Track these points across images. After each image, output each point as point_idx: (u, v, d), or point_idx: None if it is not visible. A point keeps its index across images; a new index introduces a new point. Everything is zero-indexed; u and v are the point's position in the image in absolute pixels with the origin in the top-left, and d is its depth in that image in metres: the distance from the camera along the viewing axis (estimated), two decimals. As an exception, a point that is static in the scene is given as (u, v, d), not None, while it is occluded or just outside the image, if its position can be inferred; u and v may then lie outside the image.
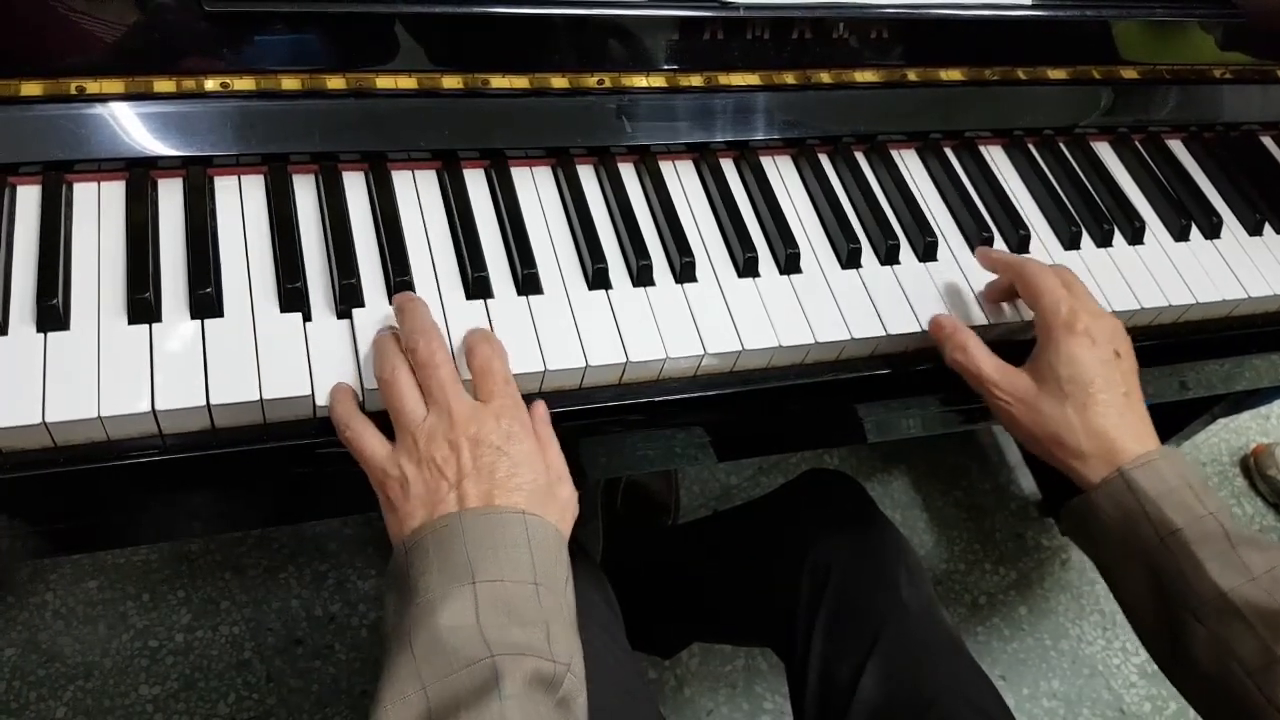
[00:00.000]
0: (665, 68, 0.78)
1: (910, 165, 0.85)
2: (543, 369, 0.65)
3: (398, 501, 0.56)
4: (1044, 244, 0.82)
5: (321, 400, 0.60)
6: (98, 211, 0.65)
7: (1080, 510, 0.67)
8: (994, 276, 0.76)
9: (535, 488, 0.57)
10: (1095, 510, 0.66)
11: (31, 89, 0.64)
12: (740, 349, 0.69)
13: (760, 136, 0.81)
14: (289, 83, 0.70)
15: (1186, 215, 0.87)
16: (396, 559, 0.55)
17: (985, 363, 0.69)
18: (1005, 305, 0.76)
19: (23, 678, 1.25)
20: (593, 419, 0.69)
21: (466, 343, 0.62)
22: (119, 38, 0.65)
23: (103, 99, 0.66)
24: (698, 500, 1.58)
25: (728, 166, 0.80)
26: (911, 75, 0.85)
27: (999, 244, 0.81)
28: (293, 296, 0.63)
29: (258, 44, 0.68)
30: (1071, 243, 0.82)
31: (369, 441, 0.58)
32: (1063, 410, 0.66)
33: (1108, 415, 0.65)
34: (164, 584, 1.35)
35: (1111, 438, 0.65)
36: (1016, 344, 0.73)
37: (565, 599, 0.55)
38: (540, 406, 0.62)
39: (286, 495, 0.71)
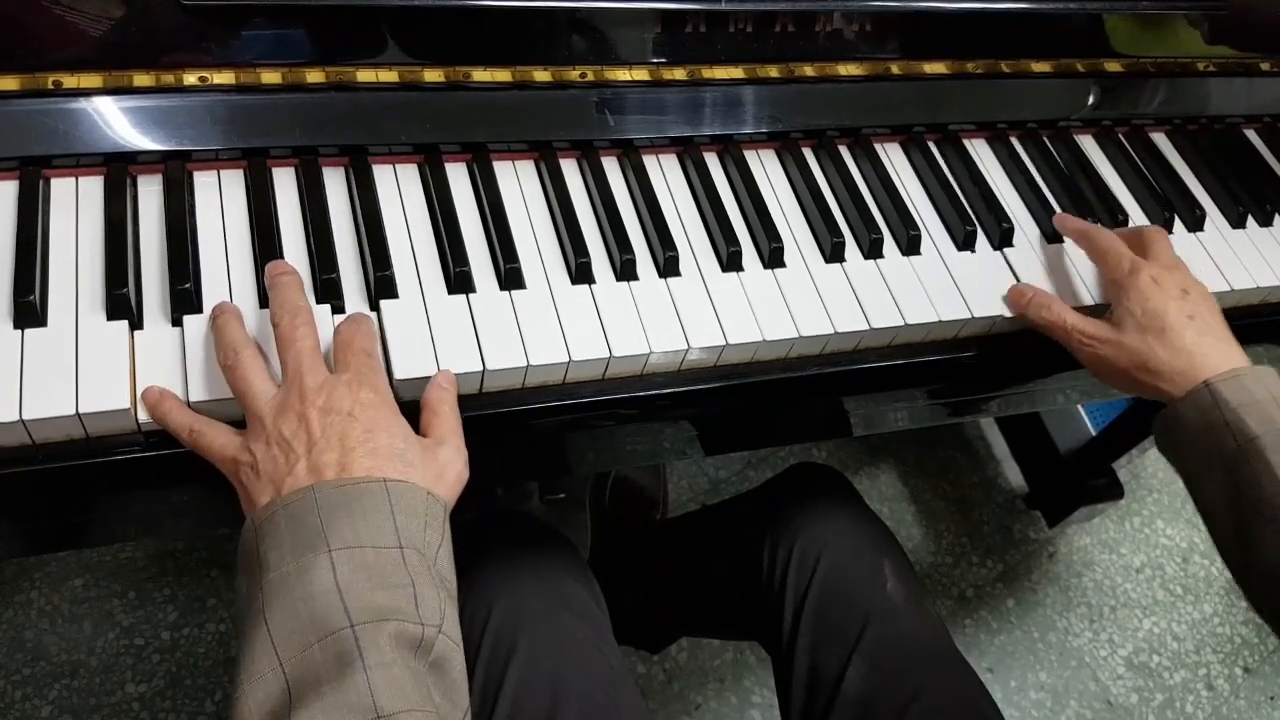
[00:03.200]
0: (648, 61, 0.78)
1: (894, 159, 0.85)
2: (525, 364, 0.65)
3: (249, 485, 0.54)
4: (1028, 237, 0.82)
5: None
6: (76, 207, 0.65)
7: (1166, 421, 0.71)
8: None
9: (392, 450, 0.54)
10: (1179, 419, 0.69)
11: (8, 83, 0.64)
12: (724, 343, 0.69)
13: (744, 130, 0.81)
14: (269, 76, 0.69)
15: (1170, 208, 0.87)
16: (245, 539, 0.52)
17: (1069, 316, 0.74)
18: (994, 301, 0.76)
19: (7, 676, 1.25)
20: (577, 414, 0.69)
21: (336, 330, 0.61)
22: (97, 31, 0.65)
23: (81, 93, 0.66)
24: (686, 495, 1.58)
25: (711, 160, 0.80)
26: (895, 68, 0.85)
27: (981, 238, 0.81)
28: (272, 292, 0.63)
29: (237, 37, 0.68)
30: (1055, 236, 0.82)
31: (215, 437, 0.56)
32: (1144, 338, 0.70)
33: (1187, 334, 0.70)
34: (150, 581, 1.35)
35: (1193, 353, 0.69)
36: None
37: (437, 564, 0.53)
38: (442, 374, 0.61)
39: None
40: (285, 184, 0.69)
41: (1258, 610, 0.68)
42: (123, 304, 0.60)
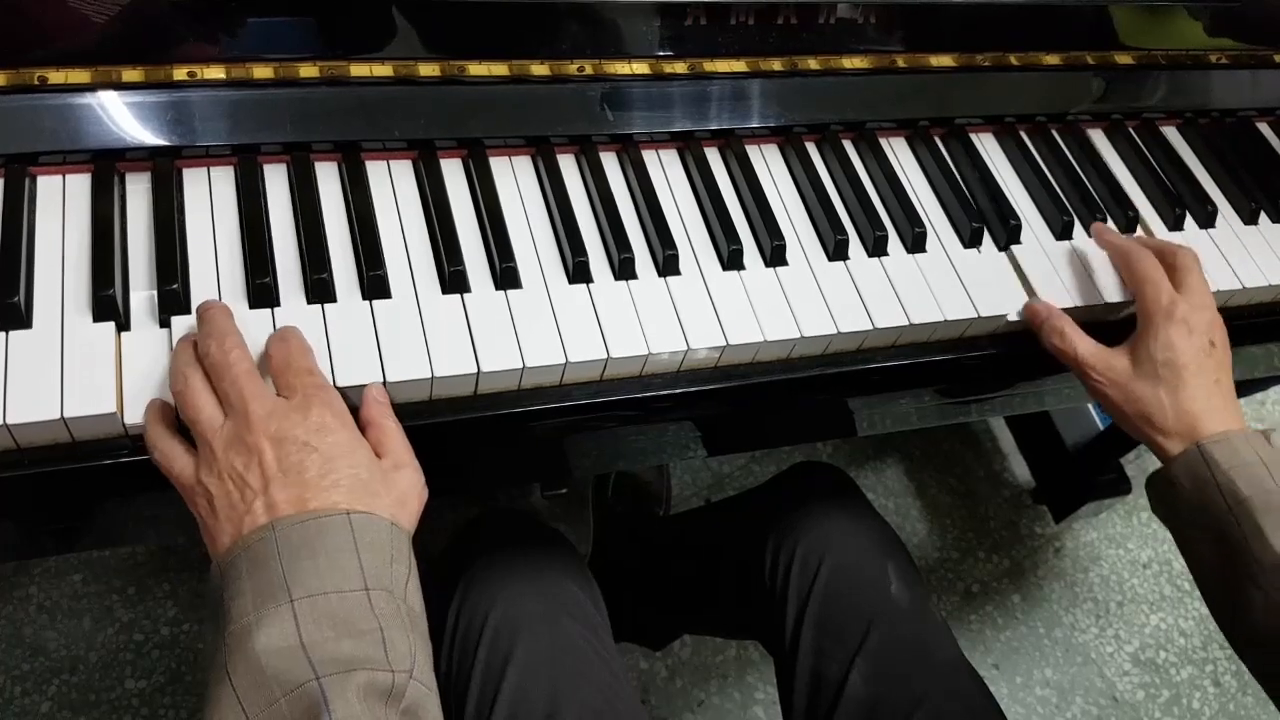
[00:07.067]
0: (648, 54, 0.76)
1: (899, 154, 0.83)
2: (521, 365, 0.63)
3: (207, 519, 0.52)
4: (1035, 234, 0.81)
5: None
6: (62, 205, 0.64)
7: (1159, 481, 0.71)
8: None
9: (356, 481, 0.52)
10: (1172, 480, 0.69)
11: (-7, 79, 0.63)
12: (725, 344, 0.68)
13: (746, 125, 0.79)
14: (260, 71, 0.68)
15: (1181, 204, 0.85)
16: (211, 584, 0.50)
17: (1082, 346, 0.72)
18: (989, 300, 0.75)
19: (7, 672, 1.24)
20: (574, 416, 0.68)
21: (265, 350, 0.58)
22: (84, 26, 0.64)
23: (68, 89, 0.64)
24: (689, 490, 1.57)
25: (712, 156, 0.78)
26: (901, 61, 0.83)
27: (988, 235, 0.79)
28: (261, 292, 0.62)
29: (227, 31, 0.67)
30: (1064, 233, 0.81)
31: (176, 461, 0.53)
32: (1155, 392, 0.69)
33: (1196, 398, 0.69)
34: (150, 577, 1.34)
35: (1195, 416, 0.69)
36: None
37: (405, 601, 0.51)
38: (374, 388, 0.58)
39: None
40: (276, 181, 0.68)
41: (1251, 671, 0.68)
42: (109, 305, 0.59)
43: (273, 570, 0.48)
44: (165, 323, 0.60)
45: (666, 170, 0.77)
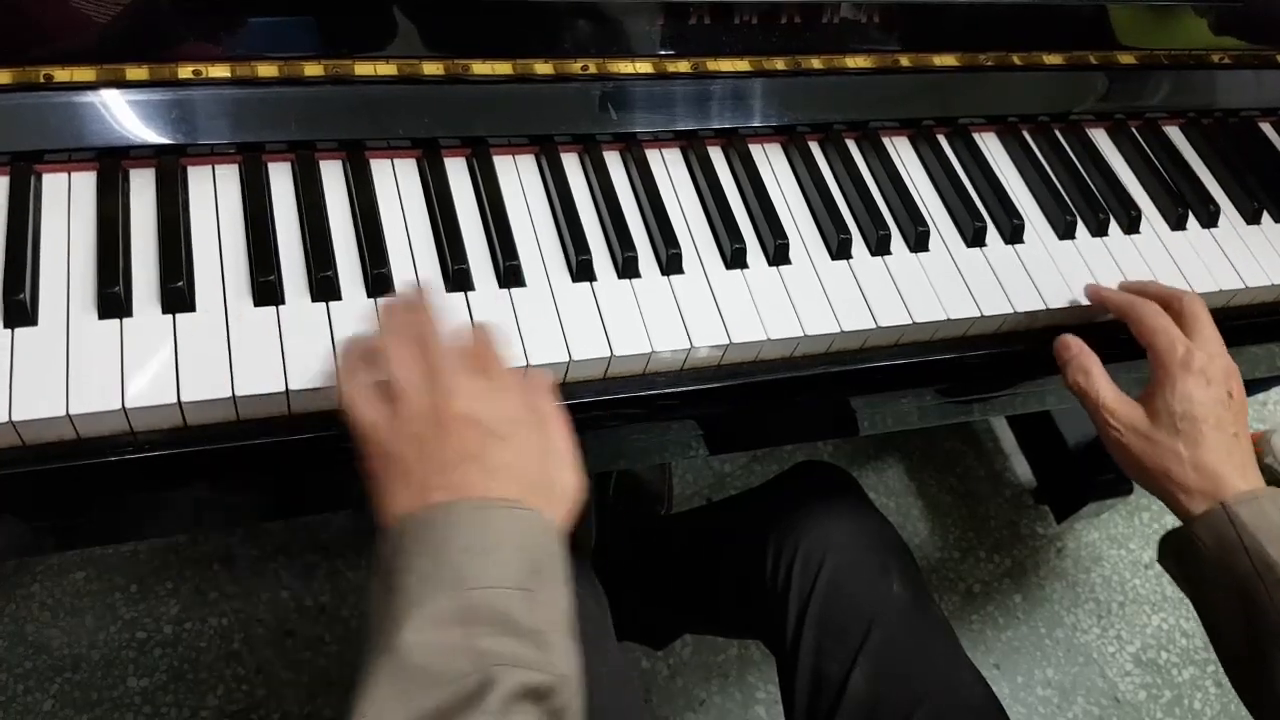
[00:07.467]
0: (652, 53, 0.76)
1: (902, 153, 0.83)
2: (525, 364, 0.63)
3: (386, 482, 0.53)
4: (1038, 234, 0.81)
5: (296, 387, 0.59)
6: (68, 203, 0.64)
7: (1178, 540, 0.69)
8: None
9: (528, 478, 0.53)
10: (1194, 540, 0.67)
11: (-1, 77, 0.63)
12: (728, 342, 0.68)
13: (749, 124, 0.79)
14: (265, 70, 0.68)
15: (1184, 204, 0.85)
16: (381, 549, 0.51)
17: (1105, 391, 0.71)
18: (987, 299, 0.75)
19: (9, 670, 1.24)
20: (577, 414, 0.67)
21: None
22: (90, 24, 0.64)
23: (73, 87, 0.65)
24: (691, 489, 1.57)
25: (716, 155, 0.78)
26: (904, 61, 0.83)
27: (992, 234, 0.79)
28: (266, 290, 0.62)
29: (232, 30, 0.67)
30: (1066, 232, 0.81)
31: (369, 417, 0.54)
32: (1174, 445, 0.68)
33: (1217, 452, 0.67)
34: (152, 575, 1.34)
35: (1217, 473, 0.67)
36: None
37: (561, 602, 0.52)
38: (540, 375, 0.59)
39: (268, 491, 0.70)
40: (281, 179, 0.68)
41: None
42: (115, 303, 0.59)
43: (444, 554, 0.49)
44: (170, 320, 0.60)
45: (670, 169, 0.77)
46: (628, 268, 0.69)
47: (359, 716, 0.45)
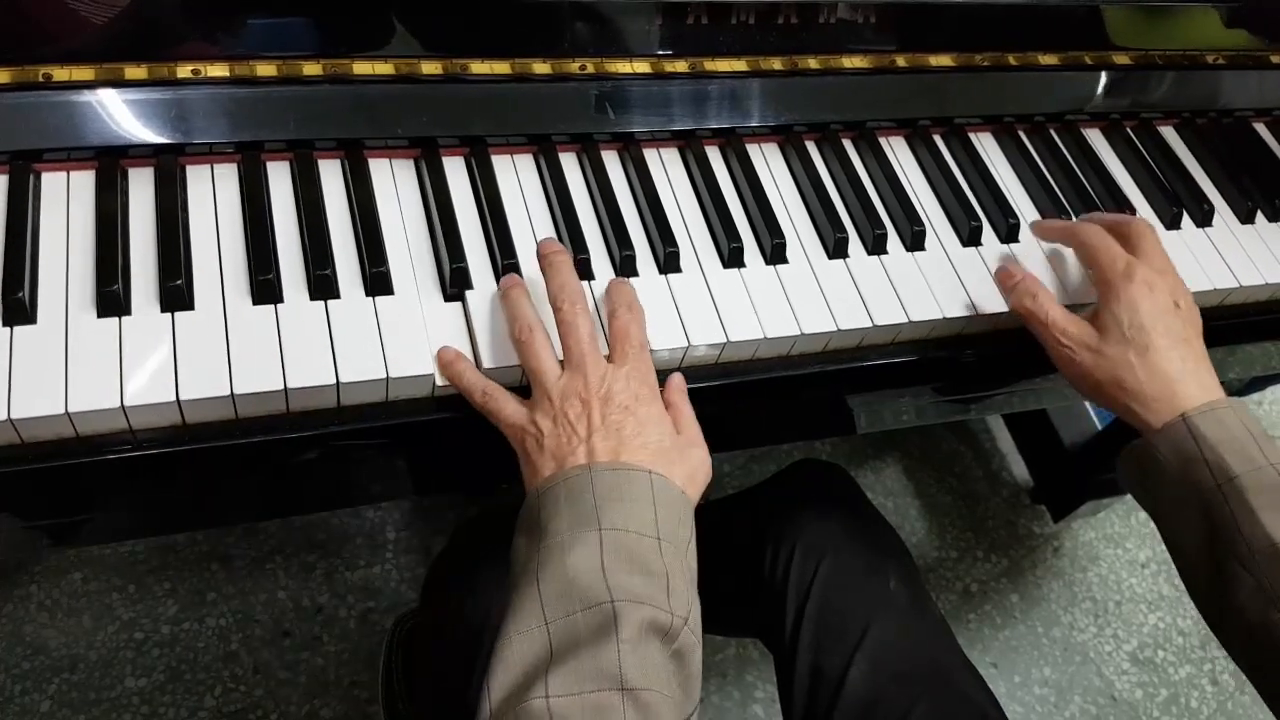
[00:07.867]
0: (650, 53, 0.76)
1: (899, 153, 0.84)
2: (523, 362, 0.64)
3: (533, 454, 0.59)
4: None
5: (295, 385, 0.59)
6: (67, 201, 0.64)
7: (1138, 454, 0.69)
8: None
9: (660, 448, 0.59)
10: (1153, 454, 0.67)
11: (-3, 76, 0.63)
12: (725, 341, 0.68)
13: (747, 124, 0.79)
14: (263, 69, 0.68)
15: (1178, 203, 0.86)
16: (529, 505, 0.58)
17: (1053, 310, 0.71)
18: (984, 298, 0.75)
19: (7, 670, 1.24)
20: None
21: (608, 306, 0.64)
22: (88, 23, 0.64)
23: (72, 86, 0.65)
24: (688, 489, 1.57)
25: (713, 154, 0.79)
26: (901, 61, 0.83)
27: (987, 233, 0.79)
28: (265, 289, 0.62)
29: (230, 29, 0.67)
30: (1062, 231, 0.81)
31: (505, 404, 0.61)
32: (1125, 354, 0.67)
33: (1170, 359, 0.67)
34: (150, 575, 1.34)
35: (1174, 381, 0.66)
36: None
37: (687, 559, 0.58)
38: (677, 377, 0.66)
39: (265, 491, 0.70)
40: (279, 178, 0.68)
41: (1230, 654, 0.66)
42: (113, 301, 0.59)
43: (586, 503, 0.56)
44: (170, 318, 0.60)
45: (667, 168, 0.77)
46: (625, 267, 0.70)
47: (505, 636, 0.52)
